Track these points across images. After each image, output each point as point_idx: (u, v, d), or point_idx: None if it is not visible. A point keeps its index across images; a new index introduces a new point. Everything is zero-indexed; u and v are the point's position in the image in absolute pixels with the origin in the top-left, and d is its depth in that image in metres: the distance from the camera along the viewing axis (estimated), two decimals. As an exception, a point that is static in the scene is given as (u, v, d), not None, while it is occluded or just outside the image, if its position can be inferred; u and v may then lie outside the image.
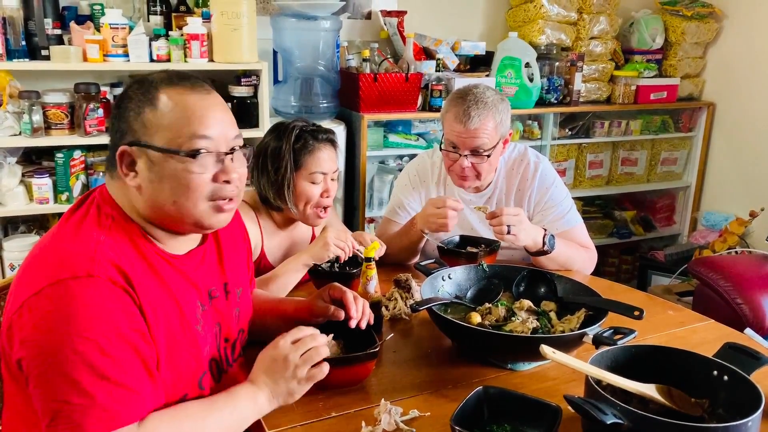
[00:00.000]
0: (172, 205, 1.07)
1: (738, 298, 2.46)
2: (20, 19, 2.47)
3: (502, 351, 1.37)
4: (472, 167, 1.90)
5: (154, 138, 1.05)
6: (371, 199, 3.20)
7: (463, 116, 1.85)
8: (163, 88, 1.07)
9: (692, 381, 1.16)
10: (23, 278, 1.00)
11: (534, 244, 1.82)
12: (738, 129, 3.79)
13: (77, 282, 0.96)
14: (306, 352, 1.12)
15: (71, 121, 2.55)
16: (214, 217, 1.11)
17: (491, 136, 1.88)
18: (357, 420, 1.16)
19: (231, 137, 1.11)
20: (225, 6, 2.62)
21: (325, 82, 3.03)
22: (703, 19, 3.74)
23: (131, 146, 1.06)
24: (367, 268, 1.48)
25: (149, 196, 1.07)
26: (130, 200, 1.09)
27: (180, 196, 1.06)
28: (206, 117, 1.07)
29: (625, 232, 3.90)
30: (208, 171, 1.07)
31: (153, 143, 1.05)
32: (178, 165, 1.05)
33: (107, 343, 0.94)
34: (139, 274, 1.03)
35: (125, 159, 1.06)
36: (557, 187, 2.02)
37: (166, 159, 1.05)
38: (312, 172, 1.73)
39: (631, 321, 1.33)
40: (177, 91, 1.07)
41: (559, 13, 3.41)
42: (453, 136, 1.89)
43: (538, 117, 3.49)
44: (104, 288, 0.97)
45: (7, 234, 2.69)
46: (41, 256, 1.02)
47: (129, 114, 1.07)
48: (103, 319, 0.95)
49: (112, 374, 0.94)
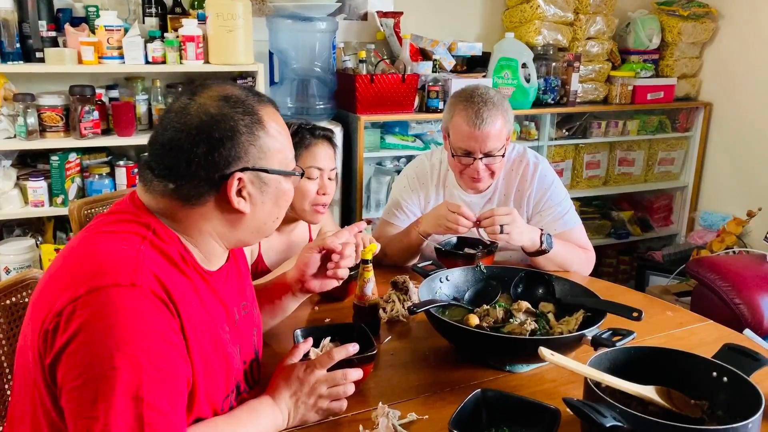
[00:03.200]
0: (274, 222, 1.13)
1: (736, 298, 2.45)
2: (15, 21, 2.46)
3: (500, 353, 1.36)
4: (487, 168, 1.89)
5: (271, 161, 1.06)
6: (368, 200, 3.20)
7: (475, 119, 1.83)
8: (262, 107, 1.06)
9: (692, 382, 1.16)
10: (59, 281, 0.95)
11: (531, 243, 1.81)
12: (735, 129, 3.80)
13: (119, 290, 0.91)
14: (334, 387, 1.15)
15: (66, 123, 2.54)
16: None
17: (502, 135, 1.87)
18: (354, 424, 1.15)
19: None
20: (220, 7, 2.61)
21: (322, 84, 3.02)
22: (700, 19, 3.75)
23: (245, 171, 1.03)
24: (364, 270, 1.47)
25: (258, 217, 1.09)
26: (201, 225, 1.05)
27: (283, 210, 1.14)
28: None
29: (623, 233, 3.90)
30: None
31: (272, 167, 1.07)
32: (290, 183, 1.12)
33: (146, 360, 0.89)
34: (179, 288, 0.98)
35: (237, 184, 1.03)
36: (556, 187, 2.01)
37: (281, 180, 1.09)
38: (308, 166, 1.71)
39: (629, 322, 1.32)
40: (272, 109, 1.10)
41: (556, 14, 3.41)
42: (465, 142, 1.86)
43: (535, 118, 3.49)
44: (146, 299, 0.92)
45: (2, 237, 2.68)
46: (78, 260, 0.96)
47: (239, 138, 1.02)
48: (145, 332, 0.91)
49: (146, 395, 0.89)
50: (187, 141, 1.00)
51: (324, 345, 1.29)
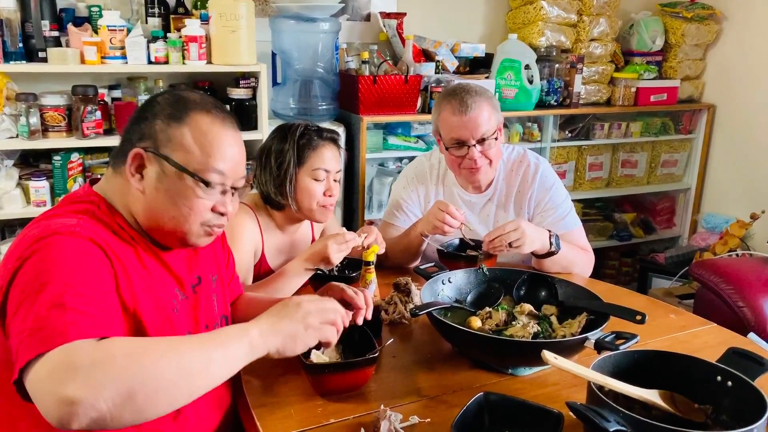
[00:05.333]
0: (169, 219, 1.13)
1: (740, 301, 2.44)
2: (17, 21, 2.46)
3: (502, 356, 1.35)
4: (483, 155, 1.89)
5: (174, 153, 1.11)
6: (371, 201, 3.19)
7: (460, 107, 1.85)
8: (198, 111, 1.13)
9: (696, 387, 1.15)
10: (9, 254, 1.04)
11: (542, 247, 1.80)
12: (738, 131, 3.78)
13: (59, 236, 1.00)
14: (325, 312, 1.09)
15: (69, 123, 2.54)
16: (202, 239, 1.18)
17: (491, 121, 1.87)
18: (356, 427, 1.14)
19: (239, 176, 1.18)
20: (223, 8, 2.61)
21: (324, 85, 3.02)
22: (703, 21, 3.74)
23: (147, 151, 1.11)
24: (366, 272, 1.47)
25: (150, 202, 1.12)
26: (125, 196, 1.14)
27: (180, 213, 1.12)
28: (228, 153, 1.14)
29: (625, 235, 3.89)
30: (210, 200, 1.14)
31: (172, 157, 1.10)
32: (188, 185, 1.11)
33: (76, 281, 0.95)
34: (117, 248, 1.07)
35: (136, 161, 1.11)
36: (557, 189, 2.00)
37: (180, 176, 1.11)
38: (315, 168, 1.71)
39: (633, 325, 1.31)
40: (210, 119, 1.13)
41: (559, 15, 3.40)
42: (455, 132, 1.87)
43: (537, 119, 3.48)
44: (84, 243, 1.01)
45: (4, 237, 2.68)
46: (25, 233, 1.06)
47: (155, 121, 1.12)
48: (79, 262, 0.98)
49: (70, 303, 0.92)
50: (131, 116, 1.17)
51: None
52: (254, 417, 1.18)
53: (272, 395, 1.25)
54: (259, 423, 1.16)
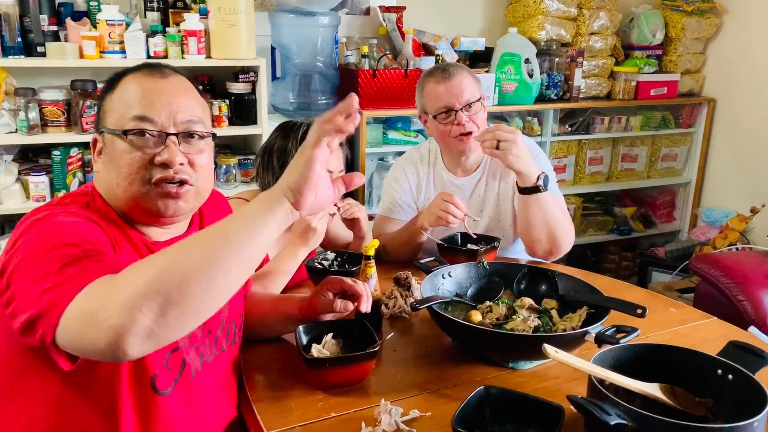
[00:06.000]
0: (119, 189, 1.07)
1: (740, 295, 2.44)
2: (16, 15, 2.45)
3: (503, 350, 1.35)
4: (471, 121, 1.91)
5: (107, 122, 1.09)
6: (370, 195, 3.19)
7: (443, 74, 1.92)
8: (127, 75, 1.10)
9: (696, 380, 1.15)
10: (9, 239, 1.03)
11: (527, 173, 1.77)
12: (738, 125, 3.78)
13: (54, 215, 1.00)
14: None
15: (68, 118, 2.53)
16: (161, 202, 1.07)
17: (474, 87, 1.93)
18: (357, 420, 1.14)
19: (181, 120, 1.08)
20: (222, 2, 2.60)
21: (324, 79, 3.01)
22: (704, 15, 3.73)
23: (98, 133, 1.11)
24: (366, 266, 1.46)
25: (104, 179, 1.10)
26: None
27: (120, 176, 1.06)
28: (150, 98, 1.06)
29: (625, 229, 3.89)
30: (144, 152, 1.05)
31: (106, 126, 1.08)
32: (117, 145, 1.07)
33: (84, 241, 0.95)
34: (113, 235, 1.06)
35: (95, 147, 1.12)
36: (542, 159, 2.01)
37: (113, 140, 1.07)
38: None
39: (633, 319, 1.31)
40: (134, 76, 1.10)
41: (559, 9, 3.39)
42: (441, 99, 1.91)
43: (537, 113, 3.48)
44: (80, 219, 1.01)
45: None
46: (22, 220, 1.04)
47: (101, 104, 1.11)
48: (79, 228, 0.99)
49: (85, 256, 0.92)
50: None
51: (326, 341, 1.28)
52: (255, 411, 1.18)
53: (273, 389, 1.25)
54: (260, 417, 1.16)
